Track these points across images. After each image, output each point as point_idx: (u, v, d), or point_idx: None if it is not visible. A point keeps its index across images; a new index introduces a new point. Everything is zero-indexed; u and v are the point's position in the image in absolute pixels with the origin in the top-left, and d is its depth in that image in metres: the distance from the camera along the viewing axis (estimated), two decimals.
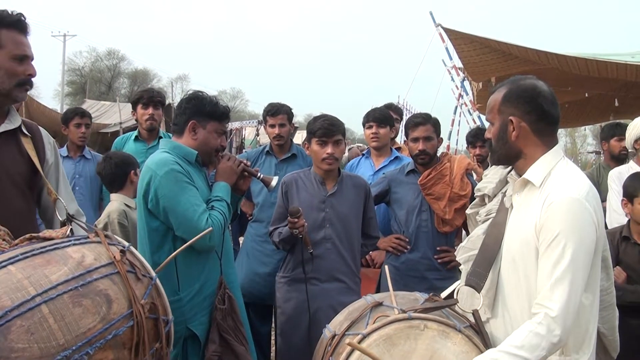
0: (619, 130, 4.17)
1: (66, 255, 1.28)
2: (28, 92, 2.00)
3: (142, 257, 1.40)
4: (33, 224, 1.96)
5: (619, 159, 4.15)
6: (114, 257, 1.29)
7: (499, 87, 1.70)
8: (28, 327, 1.11)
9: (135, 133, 3.80)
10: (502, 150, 1.68)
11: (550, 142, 1.64)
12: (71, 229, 1.58)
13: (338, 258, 2.66)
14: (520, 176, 1.66)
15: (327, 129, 2.66)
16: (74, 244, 1.36)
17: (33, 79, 1.87)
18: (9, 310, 1.13)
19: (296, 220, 2.48)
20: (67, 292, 1.17)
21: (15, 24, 1.79)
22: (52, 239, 1.45)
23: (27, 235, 1.45)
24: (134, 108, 3.77)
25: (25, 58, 1.81)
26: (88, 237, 1.44)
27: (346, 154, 8.15)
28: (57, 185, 2.04)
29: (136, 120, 3.81)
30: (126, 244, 1.41)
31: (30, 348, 1.09)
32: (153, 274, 1.37)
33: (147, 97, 3.69)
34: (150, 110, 3.68)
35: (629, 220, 2.76)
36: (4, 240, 1.47)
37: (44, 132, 2.06)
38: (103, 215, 2.85)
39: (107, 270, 1.27)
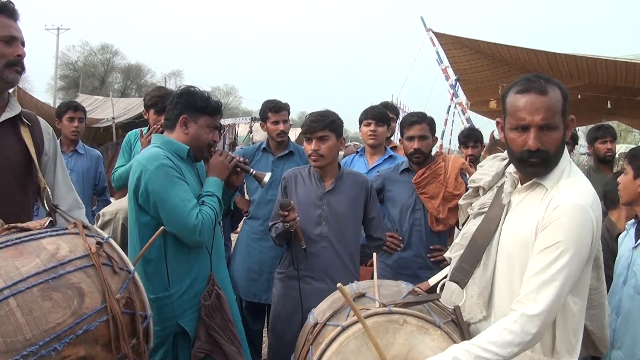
0: (601, 133, 4.13)
1: (40, 247, 1.22)
2: (22, 88, 2.03)
3: (121, 250, 1.34)
4: (29, 213, 1.96)
5: (605, 161, 4.10)
6: (90, 248, 1.23)
7: (547, 85, 1.50)
8: None
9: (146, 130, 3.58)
10: (559, 154, 1.54)
11: None
12: (51, 220, 1.53)
13: (334, 257, 2.58)
14: (525, 175, 1.59)
15: (309, 125, 2.60)
16: (50, 235, 1.30)
17: (26, 68, 1.92)
18: None
19: (287, 213, 2.41)
20: (37, 285, 1.11)
21: (1, 8, 1.85)
22: (30, 229, 1.39)
23: (6, 226, 1.41)
24: (147, 109, 3.50)
25: (12, 39, 1.84)
26: (67, 229, 1.38)
27: (342, 151, 8.09)
28: (55, 175, 2.03)
29: (147, 119, 3.55)
30: (105, 235, 1.35)
31: None
32: (131, 267, 1.30)
33: (162, 104, 3.34)
34: (163, 118, 3.47)
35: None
36: None
37: (43, 122, 2.06)
38: (112, 208, 2.74)
39: (81, 263, 1.21)
